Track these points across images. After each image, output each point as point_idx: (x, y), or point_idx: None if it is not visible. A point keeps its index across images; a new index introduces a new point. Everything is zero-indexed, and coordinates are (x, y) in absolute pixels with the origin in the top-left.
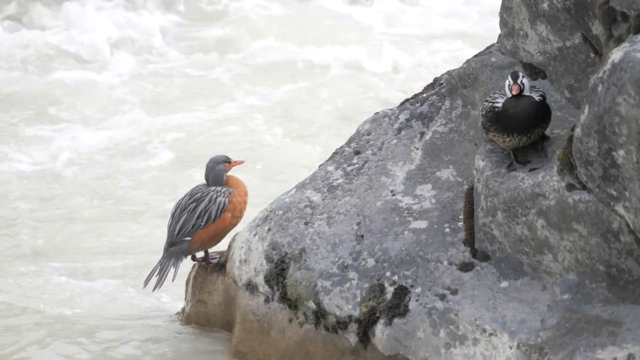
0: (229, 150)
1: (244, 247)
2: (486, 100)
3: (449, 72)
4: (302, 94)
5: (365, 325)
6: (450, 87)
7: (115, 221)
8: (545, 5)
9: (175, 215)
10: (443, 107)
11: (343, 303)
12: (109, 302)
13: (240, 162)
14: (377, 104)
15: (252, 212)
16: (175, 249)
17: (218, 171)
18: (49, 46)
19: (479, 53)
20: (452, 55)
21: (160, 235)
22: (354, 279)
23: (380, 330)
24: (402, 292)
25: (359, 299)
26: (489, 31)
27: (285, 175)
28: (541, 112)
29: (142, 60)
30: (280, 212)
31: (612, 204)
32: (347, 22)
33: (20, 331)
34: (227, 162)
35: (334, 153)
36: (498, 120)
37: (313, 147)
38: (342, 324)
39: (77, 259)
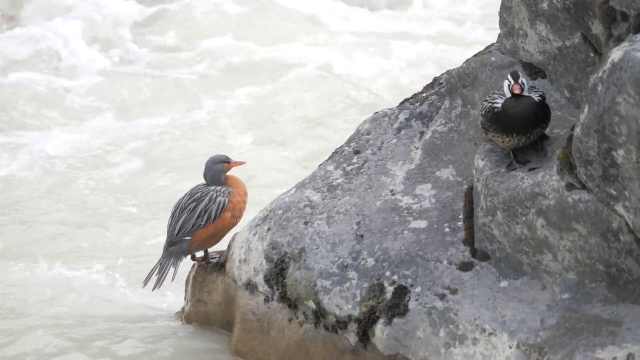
0: (195, 155)
1: (243, 246)
2: (485, 101)
3: (448, 72)
4: (267, 96)
5: (365, 325)
6: (450, 86)
7: (81, 226)
8: (545, 5)
9: (175, 215)
10: (443, 107)
11: (343, 303)
12: (102, 302)
13: (241, 163)
14: (343, 105)
15: None
16: (175, 248)
17: (215, 171)
18: (10, 51)
19: (479, 53)
20: (414, 56)
21: (125, 242)
22: (354, 279)
23: (380, 330)
24: (402, 292)
25: (359, 299)
26: (456, 34)
27: (255, 181)
28: (541, 113)
29: (106, 65)
30: (280, 212)
31: (612, 203)
32: (302, 20)
33: (15, 332)
34: (226, 162)
35: (334, 153)
36: (498, 121)
37: (278, 150)
38: (342, 324)
39: (44, 260)
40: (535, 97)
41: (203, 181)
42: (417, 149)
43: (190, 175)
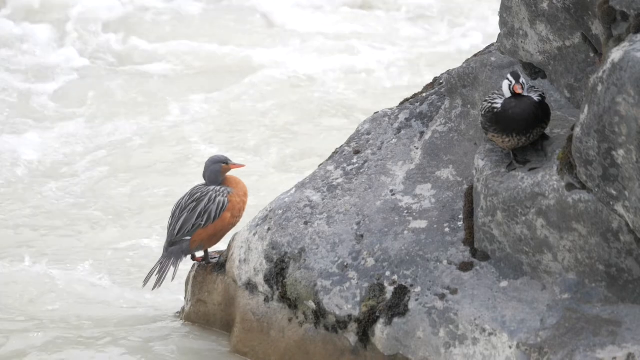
0: (159, 162)
1: (243, 246)
2: (485, 101)
3: (448, 72)
4: (234, 100)
5: (365, 325)
6: (450, 86)
7: (50, 230)
8: (545, 5)
9: (175, 215)
10: (443, 107)
11: (343, 303)
12: (98, 302)
13: (240, 166)
14: (310, 108)
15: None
16: (175, 248)
17: (212, 171)
18: None
19: (479, 52)
20: (380, 56)
21: (96, 245)
22: (353, 279)
23: (380, 330)
24: (401, 292)
25: (358, 299)
26: (418, 31)
27: None
28: (540, 113)
29: (73, 68)
30: (280, 211)
31: (611, 203)
32: (264, 21)
33: (8, 332)
34: (224, 162)
35: (333, 152)
36: (497, 121)
37: (248, 156)
38: (341, 324)
39: (29, 260)
40: (535, 97)
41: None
42: (417, 148)
43: (154, 181)
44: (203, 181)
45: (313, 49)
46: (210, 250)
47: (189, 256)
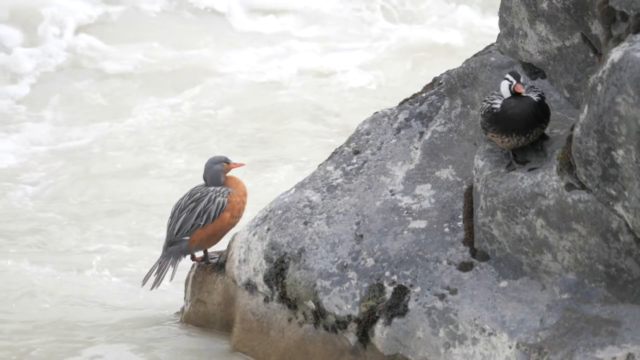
0: (122, 167)
1: (243, 246)
2: (484, 101)
3: (448, 72)
4: (195, 105)
5: (365, 325)
6: (449, 86)
7: (24, 233)
8: (544, 5)
9: (175, 215)
10: (442, 107)
11: (342, 303)
12: (96, 302)
13: (240, 165)
14: (276, 110)
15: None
16: (174, 248)
17: (214, 171)
18: None
19: (478, 52)
20: (343, 58)
21: (72, 247)
22: (353, 279)
23: (379, 330)
24: (401, 292)
25: (358, 299)
26: (383, 33)
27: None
28: (540, 113)
29: (35, 73)
30: (280, 211)
31: (611, 203)
32: (218, 21)
33: (8, 334)
34: (225, 162)
35: (333, 153)
36: (497, 121)
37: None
38: (341, 324)
39: (13, 260)
40: (534, 97)
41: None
42: (417, 148)
43: (116, 187)
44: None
45: (277, 51)
46: (209, 250)
47: (189, 256)
